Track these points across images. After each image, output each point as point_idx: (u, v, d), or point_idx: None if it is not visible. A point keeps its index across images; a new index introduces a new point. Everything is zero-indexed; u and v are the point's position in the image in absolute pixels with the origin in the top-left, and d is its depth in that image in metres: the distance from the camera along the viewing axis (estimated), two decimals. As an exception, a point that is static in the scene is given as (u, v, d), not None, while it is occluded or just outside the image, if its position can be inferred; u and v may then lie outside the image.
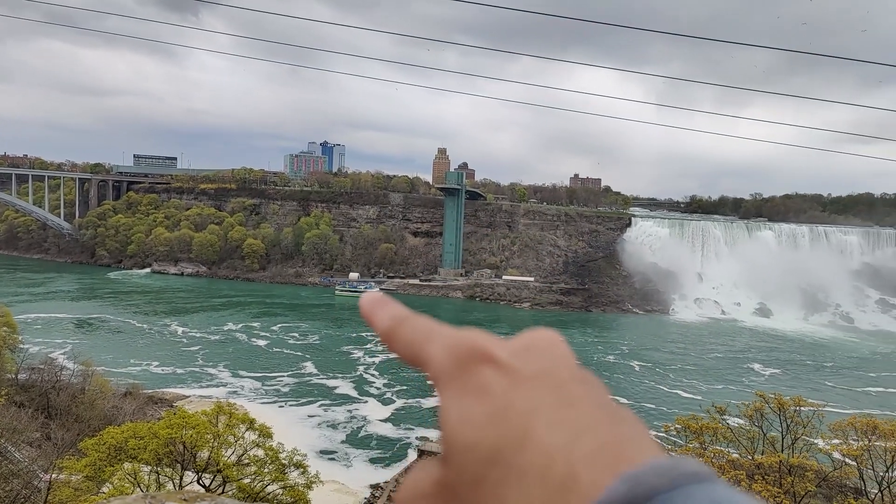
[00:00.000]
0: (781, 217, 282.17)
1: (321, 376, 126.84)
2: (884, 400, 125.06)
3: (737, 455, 45.79)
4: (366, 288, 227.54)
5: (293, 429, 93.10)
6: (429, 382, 1.11)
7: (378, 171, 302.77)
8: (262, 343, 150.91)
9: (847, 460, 44.93)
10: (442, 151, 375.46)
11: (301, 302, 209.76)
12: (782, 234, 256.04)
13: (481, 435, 0.92)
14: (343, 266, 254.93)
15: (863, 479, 44.88)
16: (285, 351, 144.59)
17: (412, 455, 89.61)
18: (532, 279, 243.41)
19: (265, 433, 43.81)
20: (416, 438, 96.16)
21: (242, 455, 42.69)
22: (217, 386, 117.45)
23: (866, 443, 43.80)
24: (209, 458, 40.88)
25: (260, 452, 42.90)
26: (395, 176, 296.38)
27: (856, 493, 44.99)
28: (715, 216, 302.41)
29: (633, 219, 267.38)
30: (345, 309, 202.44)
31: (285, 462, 43.59)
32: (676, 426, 48.15)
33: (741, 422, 50.30)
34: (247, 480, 41.98)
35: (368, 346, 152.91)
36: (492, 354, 1.06)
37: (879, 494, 43.45)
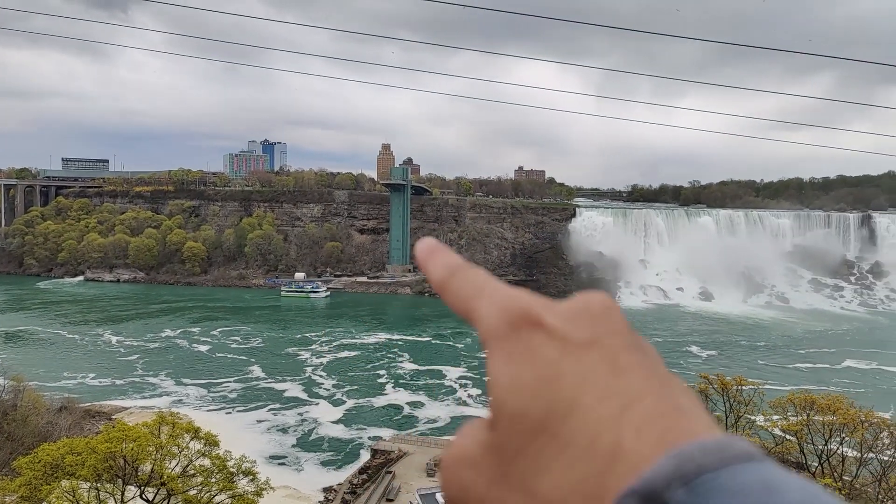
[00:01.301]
0: (719, 203, 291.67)
1: (269, 380, 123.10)
2: (814, 375, 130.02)
3: (684, 436, 45.71)
4: (312, 288, 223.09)
5: (242, 435, 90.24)
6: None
7: (322, 168, 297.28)
8: (204, 349, 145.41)
9: (787, 436, 45.63)
10: (386, 147, 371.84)
11: (245, 305, 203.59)
12: (720, 219, 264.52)
13: (530, 403, 0.91)
14: (288, 266, 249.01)
15: (803, 453, 45.73)
16: (229, 356, 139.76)
17: (365, 455, 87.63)
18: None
19: (211, 442, 42.44)
20: (369, 438, 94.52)
21: (188, 466, 41.33)
22: (159, 396, 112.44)
23: (805, 418, 44.44)
24: (152, 472, 39.77)
25: (206, 462, 41.56)
26: (339, 173, 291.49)
27: (797, 466, 45.66)
28: (656, 204, 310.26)
29: (577, 209, 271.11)
30: (290, 310, 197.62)
31: (233, 470, 42.20)
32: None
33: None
34: (193, 492, 40.57)
35: (315, 346, 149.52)
36: (543, 319, 1.01)
37: (819, 467, 44.14)
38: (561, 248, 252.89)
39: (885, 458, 41.56)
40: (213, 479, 40.90)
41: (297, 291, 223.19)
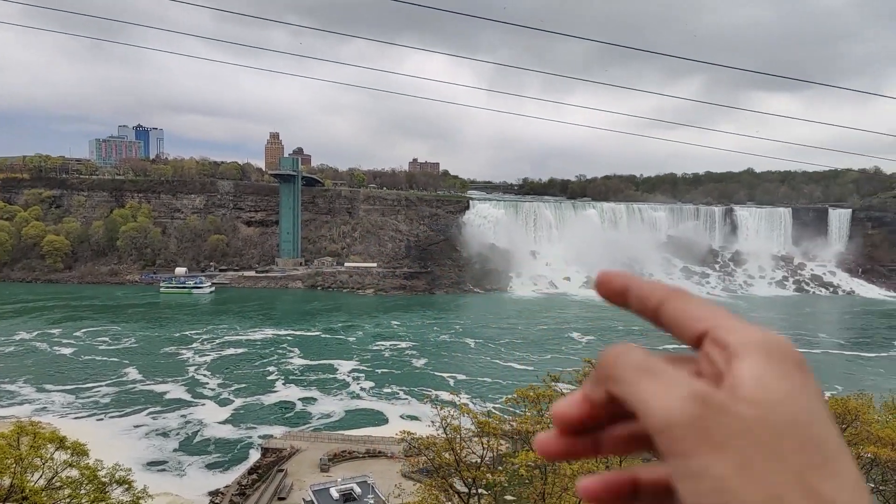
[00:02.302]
0: (603, 196, 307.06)
1: (147, 382, 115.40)
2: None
3: (570, 418, 47.97)
4: (195, 284, 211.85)
5: (116, 442, 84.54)
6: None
7: (204, 157, 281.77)
8: (68, 352, 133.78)
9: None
10: (275, 136, 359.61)
11: (117, 303, 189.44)
12: (604, 212, 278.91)
13: None
14: (168, 261, 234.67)
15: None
16: (99, 358, 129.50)
17: (255, 455, 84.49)
18: (375, 265, 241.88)
19: (79, 451, 39.67)
20: (259, 437, 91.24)
21: (53, 478, 38.57)
22: (19, 404, 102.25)
23: None
24: (12, 486, 37.00)
25: (75, 473, 38.98)
26: (223, 162, 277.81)
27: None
28: (546, 197, 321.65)
29: (471, 201, 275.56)
30: (170, 307, 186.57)
31: (106, 480, 39.54)
32: (516, 397, 49.46)
33: (573, 387, 52.91)
34: None
35: (197, 344, 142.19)
36: (723, 404, 0.93)
37: None
38: (455, 239, 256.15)
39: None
40: (83, 491, 38.29)
41: (178, 287, 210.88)
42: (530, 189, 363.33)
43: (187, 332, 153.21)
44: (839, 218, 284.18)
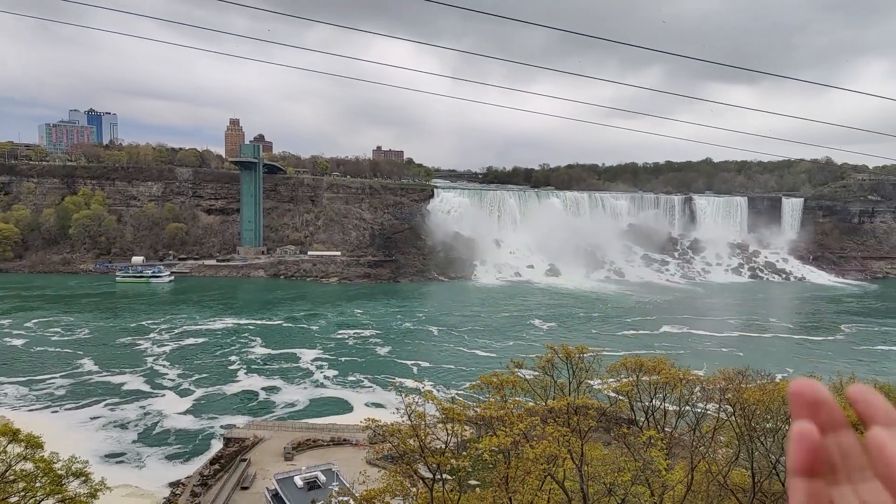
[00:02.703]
0: (566, 185, 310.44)
1: (104, 373, 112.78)
2: (638, 341, 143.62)
3: (532, 403, 48.98)
4: (153, 273, 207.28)
5: (72, 435, 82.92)
6: None
7: (161, 143, 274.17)
8: (19, 343, 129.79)
9: (620, 396, 50.12)
10: (235, 122, 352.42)
11: (70, 293, 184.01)
12: (567, 200, 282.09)
13: None
14: (124, 249, 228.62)
15: (633, 411, 50.43)
16: (52, 349, 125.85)
17: (217, 445, 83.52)
18: (339, 254, 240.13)
19: (33, 444, 38.94)
20: (221, 427, 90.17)
21: (6, 472, 38.04)
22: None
23: (634, 379, 48.98)
24: None
25: (29, 466, 38.37)
26: (181, 149, 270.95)
27: (629, 422, 50.43)
28: (509, 185, 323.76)
29: (435, 190, 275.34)
30: (126, 297, 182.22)
31: (62, 472, 38.98)
32: (480, 384, 50.05)
33: (536, 373, 53.78)
34: (14, 499, 37.66)
35: (154, 335, 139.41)
36: None
37: (646, 421, 49.07)
38: (419, 228, 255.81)
39: (698, 410, 47.00)
40: (39, 484, 37.58)
41: (135, 277, 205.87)
42: (494, 177, 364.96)
43: (144, 322, 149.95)
44: (792, 207, 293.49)
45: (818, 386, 1.21)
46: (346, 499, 41.42)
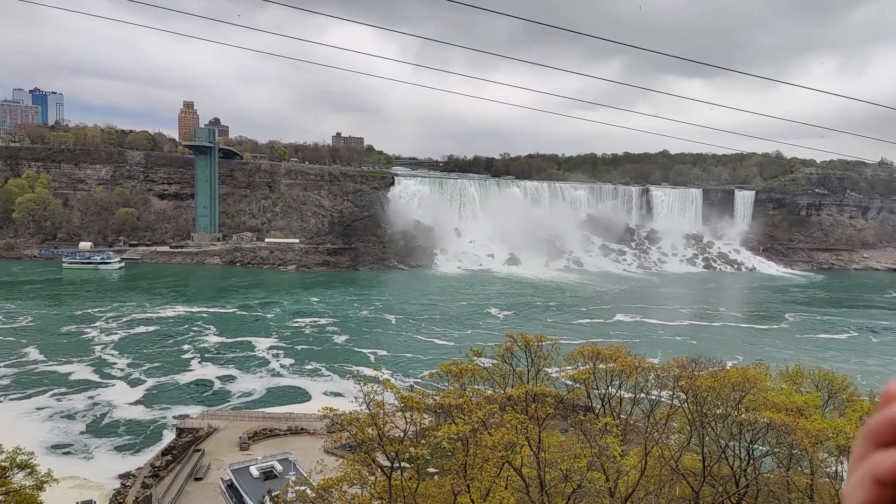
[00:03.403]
0: (526, 175, 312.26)
1: (49, 362, 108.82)
2: (592, 330, 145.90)
3: (491, 391, 49.21)
4: (103, 259, 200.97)
5: (17, 426, 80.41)
6: None
7: (109, 125, 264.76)
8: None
9: (577, 383, 50.82)
10: (189, 105, 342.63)
11: (13, 279, 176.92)
12: (527, 190, 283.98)
13: None
14: (71, 235, 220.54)
15: (590, 398, 51.11)
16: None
17: (169, 436, 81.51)
18: (297, 241, 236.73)
19: None
20: (174, 417, 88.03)
21: None
22: None
23: (591, 367, 49.66)
24: None
25: None
26: (132, 131, 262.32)
27: (585, 409, 51.19)
28: (470, 174, 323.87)
29: (396, 178, 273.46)
30: (73, 284, 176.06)
31: (6, 465, 38.47)
32: (439, 372, 50.02)
33: (495, 361, 54.00)
34: None
35: (101, 322, 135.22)
36: None
37: (602, 408, 49.89)
38: (379, 216, 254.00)
39: (653, 397, 47.92)
40: None
41: (82, 263, 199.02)
42: (455, 166, 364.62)
43: (91, 310, 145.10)
44: (744, 199, 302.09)
45: None
46: (303, 488, 40.83)
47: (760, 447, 41.71)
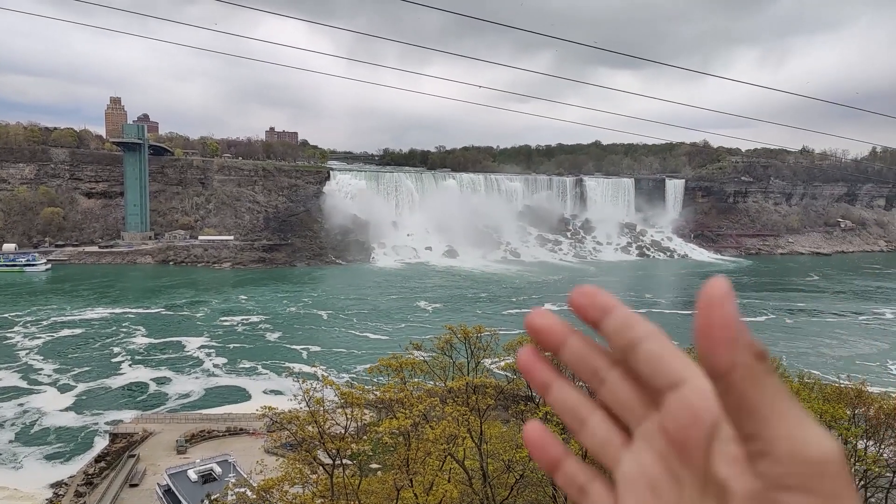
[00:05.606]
0: (462, 167, 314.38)
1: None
2: (519, 320, 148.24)
3: (432, 384, 50.25)
4: (28, 261, 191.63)
5: None
6: None
7: (32, 122, 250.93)
8: None
9: (516, 375, 52.45)
10: (116, 101, 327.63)
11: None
12: (463, 182, 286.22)
13: None
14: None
15: (530, 388, 52.72)
16: None
17: (102, 442, 79.21)
18: (232, 238, 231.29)
19: None
20: (107, 423, 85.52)
21: None
22: None
23: None
24: None
25: None
26: (56, 128, 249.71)
27: (526, 399, 52.99)
28: (406, 168, 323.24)
29: (331, 172, 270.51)
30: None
31: None
32: (378, 366, 50.74)
33: (433, 354, 55.13)
34: None
35: (20, 327, 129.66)
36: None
37: (542, 398, 51.84)
38: (315, 211, 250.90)
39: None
40: None
41: (6, 265, 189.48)
42: (391, 160, 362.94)
43: (8, 315, 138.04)
44: (674, 188, 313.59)
45: (605, 294, 1.16)
46: (243, 490, 40.78)
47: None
